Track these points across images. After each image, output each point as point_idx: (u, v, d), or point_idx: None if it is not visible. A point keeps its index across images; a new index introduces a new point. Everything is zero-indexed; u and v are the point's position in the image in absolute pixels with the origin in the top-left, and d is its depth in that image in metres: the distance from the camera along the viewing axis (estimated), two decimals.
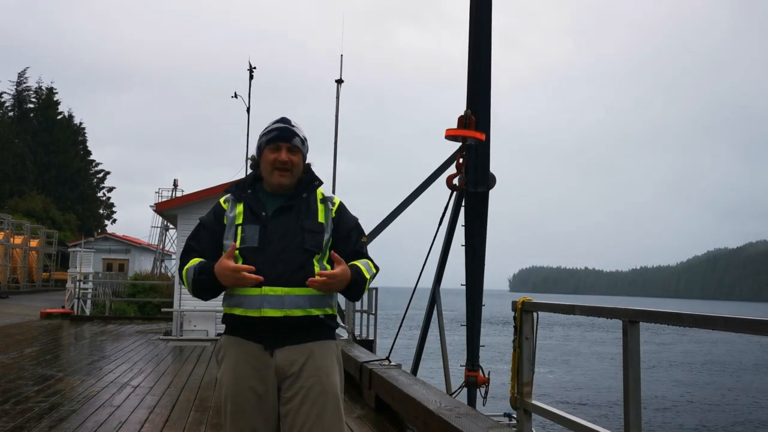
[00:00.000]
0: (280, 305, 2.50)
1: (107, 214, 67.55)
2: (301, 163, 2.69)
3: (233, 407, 2.53)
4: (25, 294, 33.11)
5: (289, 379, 2.52)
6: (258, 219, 2.59)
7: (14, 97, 62.00)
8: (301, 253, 2.55)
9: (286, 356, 2.53)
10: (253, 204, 2.63)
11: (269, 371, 2.52)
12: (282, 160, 2.61)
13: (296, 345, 2.54)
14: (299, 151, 2.67)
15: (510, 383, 4.69)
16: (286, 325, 2.52)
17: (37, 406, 6.27)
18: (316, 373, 2.53)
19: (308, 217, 2.62)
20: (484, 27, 8.74)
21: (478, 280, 9.19)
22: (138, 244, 43.91)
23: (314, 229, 2.60)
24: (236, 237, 2.57)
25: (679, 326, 3.10)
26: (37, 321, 17.52)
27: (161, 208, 17.00)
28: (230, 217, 2.63)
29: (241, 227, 2.59)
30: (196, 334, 13.68)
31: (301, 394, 2.50)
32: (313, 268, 2.55)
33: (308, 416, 2.48)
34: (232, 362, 2.56)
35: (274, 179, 2.63)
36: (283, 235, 2.56)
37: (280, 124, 2.69)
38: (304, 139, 2.71)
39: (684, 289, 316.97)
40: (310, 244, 2.57)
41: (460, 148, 8.83)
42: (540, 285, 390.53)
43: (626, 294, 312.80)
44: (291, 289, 2.51)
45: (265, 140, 2.67)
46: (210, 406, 6.53)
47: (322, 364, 2.56)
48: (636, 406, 3.35)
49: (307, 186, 2.70)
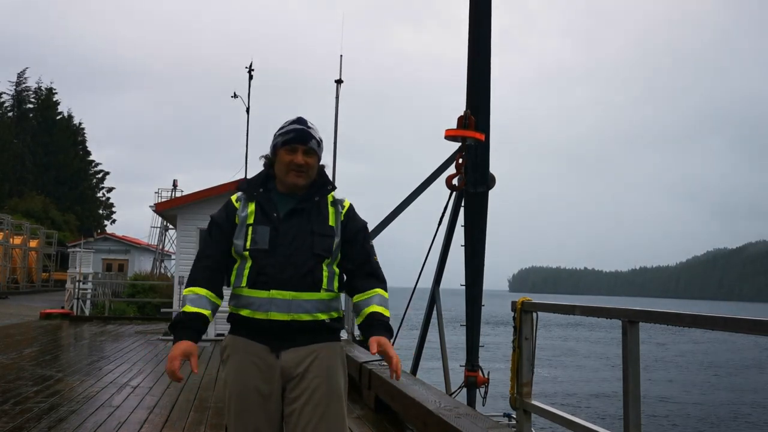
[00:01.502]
0: (287, 309, 2.49)
1: (107, 214, 67.61)
2: (316, 164, 2.68)
3: (238, 406, 2.52)
4: (24, 294, 33.10)
5: (294, 380, 2.52)
6: (269, 220, 2.57)
7: (14, 98, 62.05)
8: (310, 258, 2.54)
9: (292, 358, 2.53)
10: (265, 204, 2.61)
11: (275, 372, 2.52)
12: (298, 163, 2.59)
13: (302, 347, 2.54)
14: (315, 154, 2.65)
15: (509, 383, 4.69)
16: (293, 328, 2.52)
17: (37, 406, 6.26)
18: (321, 374, 2.53)
19: (319, 221, 2.61)
20: (483, 27, 8.74)
21: (477, 280, 9.19)
22: (137, 244, 43.92)
23: (324, 233, 2.60)
24: (246, 237, 2.56)
25: (678, 326, 3.10)
26: (36, 321, 17.50)
27: (161, 208, 17.01)
28: (242, 217, 2.60)
29: (252, 227, 2.57)
30: None
31: (306, 395, 2.50)
32: (321, 273, 2.55)
33: (312, 416, 2.48)
34: (237, 362, 2.56)
35: (290, 180, 2.61)
36: (294, 238, 2.55)
37: (297, 125, 2.65)
38: (320, 141, 2.69)
39: (683, 290, 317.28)
40: (320, 249, 2.57)
41: (460, 148, 8.83)
42: (539, 285, 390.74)
43: (626, 294, 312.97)
44: (298, 294, 2.50)
45: (281, 141, 2.63)
46: (209, 406, 6.52)
47: (328, 365, 2.57)
48: (636, 405, 3.35)
49: (320, 189, 2.69)
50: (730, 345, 42.54)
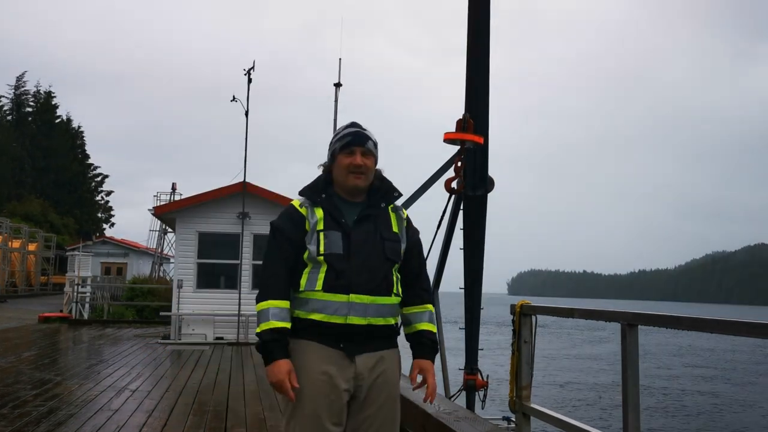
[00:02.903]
0: (363, 313, 2.53)
1: (105, 217, 67.50)
2: (374, 166, 2.71)
3: (311, 410, 2.50)
4: (23, 298, 33.05)
5: (365, 385, 2.57)
6: (339, 226, 2.60)
7: (12, 101, 62.03)
8: (383, 262, 2.60)
9: (365, 363, 2.57)
10: (332, 210, 2.63)
11: (350, 377, 2.54)
12: (357, 164, 2.63)
13: (373, 352, 2.59)
14: (372, 155, 2.69)
15: (509, 387, 4.69)
16: (367, 332, 2.55)
17: (35, 410, 6.26)
18: (390, 380, 2.62)
19: (385, 227, 2.67)
20: (482, 31, 8.77)
21: (476, 284, 9.20)
22: (136, 247, 43.93)
23: (393, 238, 2.66)
24: (319, 242, 2.57)
25: (677, 329, 3.10)
26: (35, 325, 17.48)
27: (160, 211, 17.02)
28: (312, 222, 2.61)
29: (323, 233, 2.58)
30: (195, 338, 13.67)
31: (378, 401, 2.58)
32: (393, 278, 2.62)
33: (375, 420, 2.57)
34: (312, 362, 2.53)
35: (350, 182, 2.65)
36: (365, 243, 2.59)
37: (352, 128, 2.71)
38: (376, 143, 2.74)
39: (682, 293, 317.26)
40: (391, 254, 2.63)
41: (459, 151, 8.85)
42: (539, 288, 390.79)
43: (625, 297, 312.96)
44: (375, 298, 2.55)
45: (339, 146, 2.67)
46: (208, 410, 6.52)
47: (394, 371, 2.66)
48: (635, 408, 3.35)
49: (385, 196, 2.73)
50: (729, 346, 42.55)
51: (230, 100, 14.68)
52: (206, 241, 14.23)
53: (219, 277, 14.46)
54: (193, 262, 14.08)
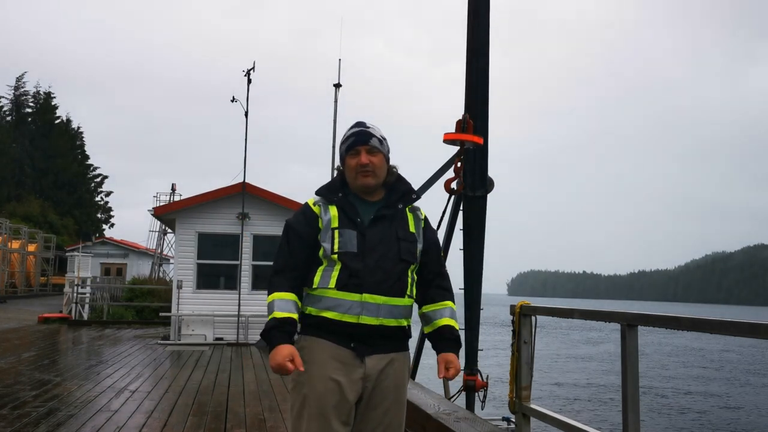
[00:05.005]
0: (376, 313, 2.52)
1: (105, 218, 67.44)
2: (383, 163, 2.69)
3: (318, 409, 2.49)
4: (22, 299, 33.02)
5: (373, 386, 2.56)
6: (354, 225, 2.60)
7: (12, 102, 62.00)
8: (398, 263, 2.58)
9: (374, 364, 2.55)
10: (347, 208, 2.63)
11: (358, 377, 2.53)
12: (362, 163, 2.62)
13: (384, 354, 2.58)
14: (379, 152, 2.67)
15: (508, 387, 4.69)
16: (379, 333, 2.55)
17: (35, 411, 6.26)
18: (398, 383, 2.61)
19: (402, 227, 2.66)
20: (481, 32, 8.77)
21: (476, 284, 9.20)
22: (136, 248, 43.90)
23: (409, 239, 2.65)
24: (333, 240, 2.57)
25: (677, 329, 3.10)
26: (34, 326, 17.47)
27: (159, 212, 16.99)
28: (325, 220, 2.61)
29: (337, 231, 2.58)
30: (194, 339, 13.66)
31: (385, 403, 2.57)
32: (407, 279, 2.61)
33: (380, 424, 2.57)
34: (321, 359, 2.53)
35: (359, 182, 2.64)
36: (380, 243, 2.58)
37: (355, 128, 2.71)
38: (383, 139, 2.71)
39: (682, 293, 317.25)
40: (407, 254, 2.61)
41: (458, 151, 8.85)
42: (538, 289, 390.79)
43: (625, 298, 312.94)
44: (388, 299, 2.54)
45: (344, 148, 2.69)
46: (208, 410, 6.52)
47: (403, 374, 2.65)
48: (635, 408, 3.34)
49: (404, 196, 2.72)
50: (729, 346, 42.56)
51: (230, 101, 14.67)
52: (206, 241, 14.22)
53: (219, 278, 14.45)
54: (193, 263, 14.07)
